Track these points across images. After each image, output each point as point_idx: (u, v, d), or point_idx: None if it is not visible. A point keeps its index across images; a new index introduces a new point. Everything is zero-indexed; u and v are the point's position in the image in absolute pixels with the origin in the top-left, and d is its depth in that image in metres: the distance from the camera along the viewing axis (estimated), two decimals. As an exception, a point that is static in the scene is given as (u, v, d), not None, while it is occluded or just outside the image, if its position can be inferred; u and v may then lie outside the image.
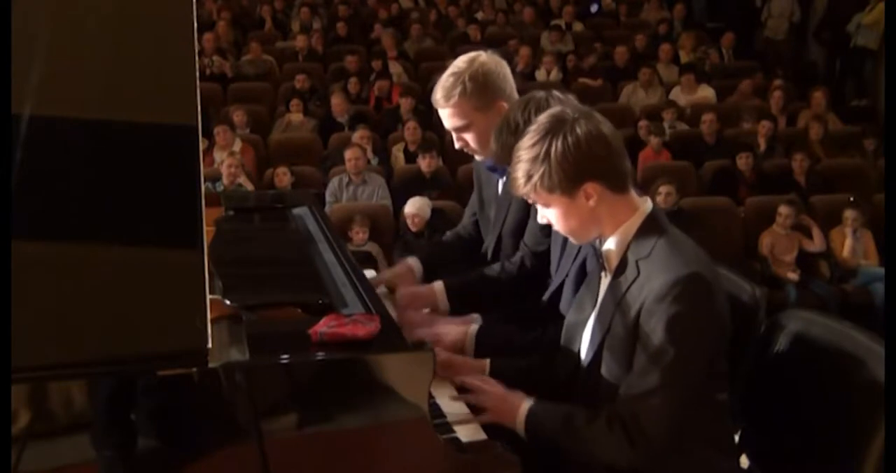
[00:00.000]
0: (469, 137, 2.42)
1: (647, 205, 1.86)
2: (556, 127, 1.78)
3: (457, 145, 2.49)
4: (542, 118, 1.84)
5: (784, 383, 2.00)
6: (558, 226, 1.86)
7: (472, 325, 2.26)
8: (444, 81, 2.39)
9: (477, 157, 2.52)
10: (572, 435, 1.81)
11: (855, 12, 9.37)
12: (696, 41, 10.11)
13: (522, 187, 1.82)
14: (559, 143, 1.76)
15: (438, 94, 2.40)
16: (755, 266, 5.96)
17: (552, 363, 2.02)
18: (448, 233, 2.91)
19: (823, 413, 1.89)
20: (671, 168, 6.92)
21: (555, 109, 1.88)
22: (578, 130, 1.76)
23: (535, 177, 1.78)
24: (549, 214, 1.86)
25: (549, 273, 2.36)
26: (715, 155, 7.22)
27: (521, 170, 1.81)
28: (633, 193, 1.86)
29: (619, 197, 1.82)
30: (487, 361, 2.07)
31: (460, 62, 2.42)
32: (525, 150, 1.81)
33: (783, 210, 5.97)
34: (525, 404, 1.88)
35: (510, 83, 2.43)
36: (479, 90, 2.35)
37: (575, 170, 1.76)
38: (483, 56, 2.43)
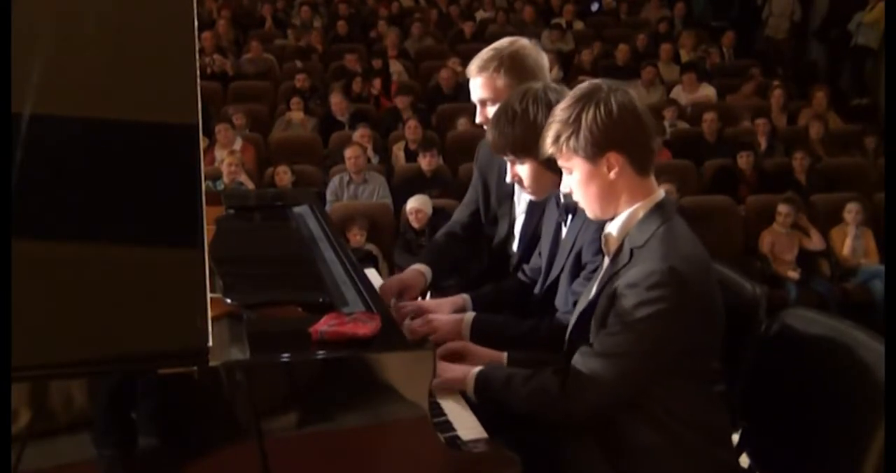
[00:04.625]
0: (493, 112, 2.41)
1: (660, 192, 1.89)
2: (593, 94, 1.84)
3: (478, 119, 2.53)
4: (581, 86, 1.90)
5: (784, 381, 1.99)
6: (579, 194, 1.89)
7: (467, 314, 2.27)
8: (483, 53, 2.47)
9: None
10: (511, 390, 1.89)
11: (855, 11, 9.36)
12: (696, 40, 10.11)
13: (549, 146, 1.88)
14: (592, 110, 1.81)
15: (474, 64, 2.47)
16: (756, 264, 5.96)
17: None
18: (440, 234, 2.87)
19: (824, 412, 1.89)
20: (672, 166, 6.91)
21: (594, 80, 1.92)
22: (613, 100, 1.82)
23: (563, 138, 1.84)
24: (571, 181, 1.89)
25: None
26: (716, 153, 7.22)
27: (552, 130, 1.87)
28: (653, 180, 1.89)
29: (639, 178, 1.86)
30: (505, 354, 2.08)
31: (503, 41, 2.50)
32: (559, 112, 1.86)
33: (782, 209, 5.97)
34: (475, 368, 1.99)
35: (545, 73, 2.49)
36: (513, 68, 2.41)
37: (602, 137, 1.81)
38: (525, 40, 2.52)
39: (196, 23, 1.79)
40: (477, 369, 1.98)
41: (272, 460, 1.58)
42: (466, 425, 1.88)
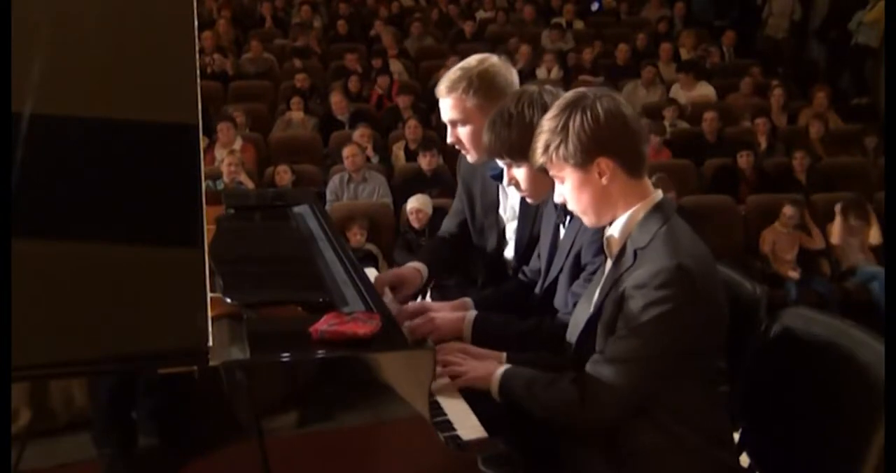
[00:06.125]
0: (463, 133, 2.44)
1: (657, 193, 1.88)
2: (578, 102, 1.84)
3: (449, 140, 2.50)
4: (567, 94, 1.90)
5: (784, 381, 1.99)
6: (572, 202, 1.89)
7: (468, 312, 2.27)
8: (452, 73, 2.44)
9: (469, 158, 2.52)
10: (532, 395, 1.88)
11: (855, 10, 9.36)
12: (696, 39, 10.12)
13: (540, 157, 1.88)
14: (578, 117, 1.82)
15: (443, 85, 2.44)
16: (756, 264, 5.96)
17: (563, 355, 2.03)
18: (434, 241, 2.89)
19: (824, 412, 1.89)
20: (672, 166, 6.91)
21: (579, 88, 1.93)
22: (599, 106, 1.82)
23: (552, 147, 1.84)
24: (564, 190, 1.89)
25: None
26: (716, 153, 7.22)
27: (541, 140, 1.87)
28: (648, 182, 1.88)
29: (632, 181, 1.86)
30: (504, 354, 2.07)
31: (472, 59, 2.47)
32: (547, 122, 1.87)
33: (787, 210, 5.97)
34: (500, 369, 1.97)
35: (515, 89, 2.43)
36: (483, 88, 2.38)
37: (590, 143, 1.81)
38: (494, 58, 2.48)
39: (196, 22, 1.79)
40: (502, 369, 1.97)
41: (272, 459, 1.58)
42: (466, 425, 1.87)
